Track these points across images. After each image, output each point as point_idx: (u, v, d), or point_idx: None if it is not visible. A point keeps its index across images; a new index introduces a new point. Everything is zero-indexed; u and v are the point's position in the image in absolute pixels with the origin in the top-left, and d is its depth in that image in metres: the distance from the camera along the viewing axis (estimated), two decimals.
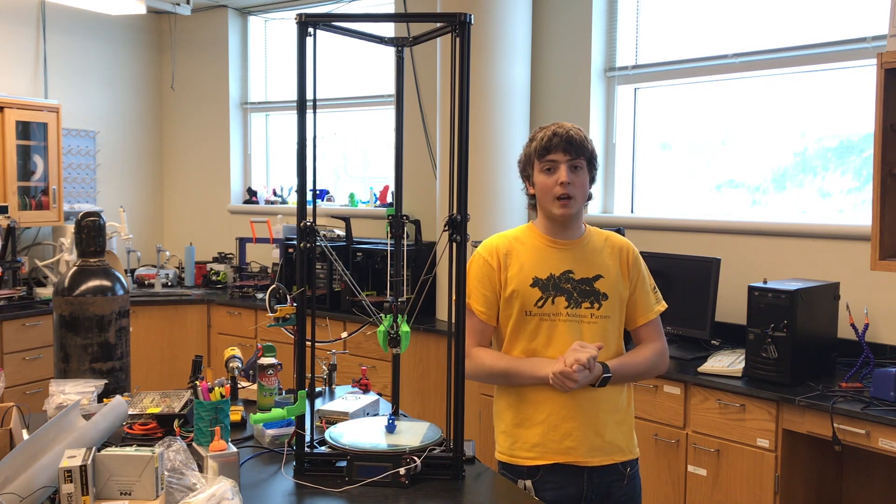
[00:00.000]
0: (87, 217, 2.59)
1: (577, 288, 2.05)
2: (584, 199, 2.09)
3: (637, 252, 2.16)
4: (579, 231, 2.12)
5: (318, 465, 1.95)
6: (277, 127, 5.95)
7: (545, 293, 2.06)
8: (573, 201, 2.04)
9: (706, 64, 3.81)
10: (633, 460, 2.13)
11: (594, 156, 2.08)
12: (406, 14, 3.11)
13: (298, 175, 1.91)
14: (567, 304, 2.05)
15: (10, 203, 4.68)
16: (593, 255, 2.09)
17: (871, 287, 3.22)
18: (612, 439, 2.07)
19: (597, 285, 2.06)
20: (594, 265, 2.08)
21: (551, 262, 2.07)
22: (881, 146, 2.59)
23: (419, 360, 4.11)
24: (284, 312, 1.98)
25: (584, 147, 2.04)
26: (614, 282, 2.08)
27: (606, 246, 2.12)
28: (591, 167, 2.08)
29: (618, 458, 2.08)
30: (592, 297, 2.05)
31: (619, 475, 2.09)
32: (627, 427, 2.12)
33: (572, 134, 2.02)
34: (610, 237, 2.15)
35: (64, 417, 1.77)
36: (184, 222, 6.10)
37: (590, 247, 2.10)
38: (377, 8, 5.14)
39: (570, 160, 2.02)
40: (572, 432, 2.03)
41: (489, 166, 4.01)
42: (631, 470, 2.12)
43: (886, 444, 2.59)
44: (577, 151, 2.02)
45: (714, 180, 3.93)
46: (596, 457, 2.05)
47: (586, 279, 2.06)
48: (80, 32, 5.50)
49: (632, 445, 2.13)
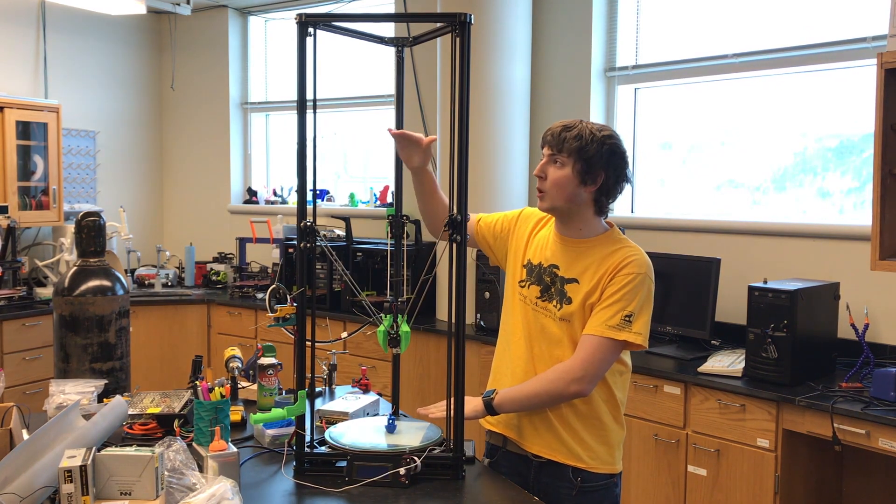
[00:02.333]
0: (87, 217, 2.59)
1: (555, 283, 2.04)
2: (562, 199, 1.97)
3: (635, 271, 1.93)
4: (582, 231, 2.03)
5: (318, 465, 1.95)
6: (277, 127, 5.95)
7: (528, 277, 2.09)
8: (546, 195, 1.99)
9: (706, 64, 3.81)
10: (588, 472, 2.00)
11: (588, 157, 1.93)
12: (406, 14, 3.11)
13: (298, 175, 1.91)
14: (539, 295, 2.05)
15: (10, 203, 4.68)
16: (582, 259, 2.01)
17: (871, 287, 3.22)
18: (565, 439, 2.00)
19: (567, 288, 2.01)
20: (576, 268, 2.01)
21: (547, 252, 2.07)
22: (881, 146, 2.58)
23: (419, 360, 4.11)
24: (284, 312, 1.98)
25: (567, 144, 1.93)
26: (587, 291, 1.97)
27: (607, 255, 1.98)
28: (586, 168, 1.94)
29: (562, 458, 2.00)
30: (559, 296, 2.02)
31: (568, 482, 2.01)
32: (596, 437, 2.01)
33: (559, 130, 1.96)
34: (621, 250, 1.98)
35: (64, 417, 1.77)
36: (184, 222, 6.10)
37: (587, 249, 2.02)
38: (377, 8, 5.14)
39: (550, 154, 1.97)
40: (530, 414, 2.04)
41: (489, 166, 4.01)
42: (584, 483, 2.00)
43: (886, 444, 2.59)
44: (557, 146, 1.95)
45: (714, 180, 3.93)
46: (535, 445, 2.03)
47: (563, 279, 2.03)
48: (80, 32, 5.50)
49: (592, 456, 2.01)
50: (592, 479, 2.01)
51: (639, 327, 1.93)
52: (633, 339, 1.91)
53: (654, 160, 4.14)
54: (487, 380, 2.22)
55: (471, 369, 3.52)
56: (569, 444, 2.01)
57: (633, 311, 1.92)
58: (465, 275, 1.98)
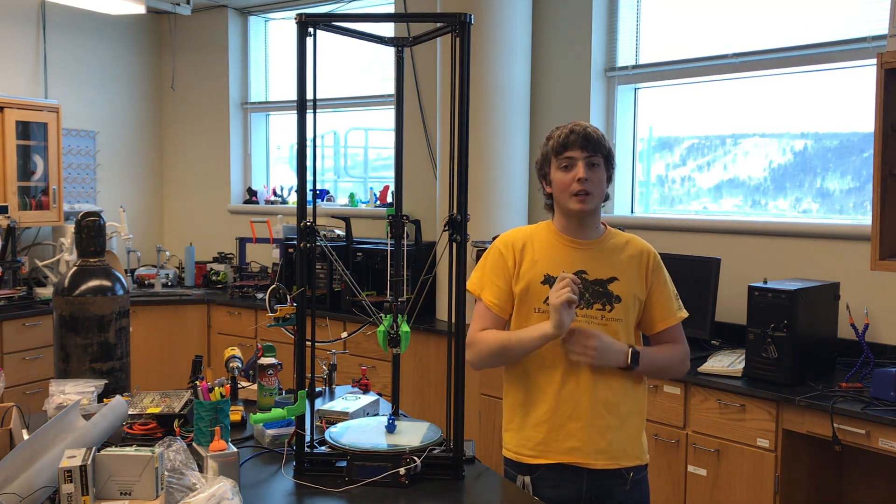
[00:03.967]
0: (87, 217, 2.59)
1: (589, 288, 2.02)
2: (602, 197, 2.05)
3: (659, 257, 2.11)
4: (597, 231, 2.08)
5: (318, 465, 1.95)
6: (277, 127, 5.95)
7: None
8: (590, 197, 2.00)
9: (706, 64, 3.80)
10: (639, 466, 2.08)
11: (611, 154, 2.05)
12: (406, 14, 3.12)
13: (298, 175, 1.92)
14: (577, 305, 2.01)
15: (10, 203, 4.68)
16: (610, 257, 2.05)
17: (871, 287, 3.22)
18: (617, 443, 2.03)
19: (611, 287, 2.02)
20: (610, 266, 2.04)
21: (565, 260, 2.04)
22: (881, 146, 2.58)
23: (419, 360, 4.11)
24: (284, 312, 1.99)
25: (602, 144, 2.01)
26: (630, 285, 2.04)
27: (627, 248, 2.08)
28: (609, 166, 2.05)
29: (623, 462, 2.04)
30: (605, 298, 2.02)
31: (622, 479, 2.05)
32: (635, 431, 2.07)
33: (590, 131, 2.01)
34: (632, 241, 2.11)
35: (64, 417, 1.77)
36: (184, 222, 6.10)
37: (607, 248, 2.07)
38: (377, 8, 5.14)
39: (587, 157, 1.99)
40: (576, 433, 2.01)
41: (489, 166, 4.01)
42: (636, 475, 2.07)
43: (886, 444, 2.59)
44: (594, 148, 1.99)
45: (714, 180, 3.94)
46: (599, 460, 2.02)
47: (600, 280, 2.03)
48: (80, 32, 5.50)
49: (640, 451, 2.08)
50: (640, 470, 2.09)
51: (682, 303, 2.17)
52: (685, 314, 2.15)
53: (654, 160, 4.14)
54: (487, 381, 2.22)
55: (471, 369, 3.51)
56: (622, 447, 2.04)
57: (675, 291, 2.15)
58: (465, 275, 1.99)
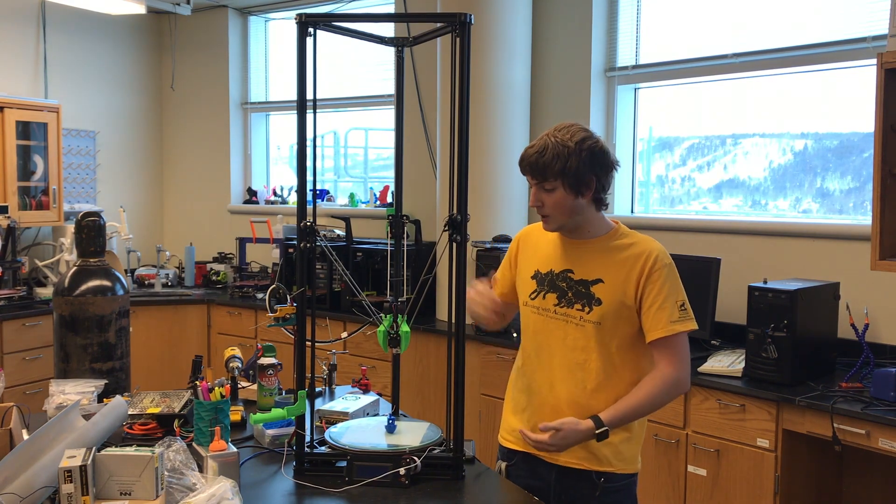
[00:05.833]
0: (87, 217, 2.59)
1: (572, 287, 2.01)
2: (566, 216, 1.97)
3: (664, 263, 1.97)
4: (595, 231, 2.03)
5: (318, 465, 1.95)
6: (278, 127, 5.95)
7: (539, 287, 2.05)
8: (549, 219, 2.00)
9: (706, 64, 3.80)
10: (611, 473, 2.00)
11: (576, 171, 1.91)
12: (406, 14, 3.12)
13: (298, 175, 1.92)
14: (557, 302, 2.01)
15: (10, 203, 4.68)
16: (602, 257, 2.01)
17: (871, 287, 3.22)
18: (594, 448, 1.97)
19: (594, 289, 1.99)
20: (599, 268, 2.00)
21: (557, 258, 2.05)
22: (881, 146, 2.58)
23: (419, 360, 4.11)
24: (284, 312, 1.99)
25: (550, 170, 1.91)
26: (615, 288, 1.97)
27: (628, 250, 2.00)
28: (578, 183, 1.93)
29: (589, 465, 1.99)
30: (585, 299, 1.99)
31: (591, 484, 1.99)
32: (616, 439, 1.99)
33: (534, 159, 1.93)
34: (638, 243, 2.01)
35: (64, 417, 1.77)
36: (184, 222, 6.10)
37: (604, 248, 2.02)
38: (377, 8, 5.14)
39: (537, 183, 1.97)
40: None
41: (489, 166, 4.01)
42: (607, 483, 1.99)
43: (886, 444, 2.59)
44: (541, 175, 1.94)
45: (714, 180, 3.94)
46: (562, 455, 1.99)
47: (584, 281, 2.00)
48: (80, 32, 5.50)
49: (616, 458, 2.00)
50: (615, 479, 2.01)
51: (690, 313, 1.99)
52: (692, 325, 1.98)
53: (654, 160, 4.14)
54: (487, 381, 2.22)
55: (471, 369, 3.52)
56: (597, 451, 1.99)
57: (682, 300, 1.98)
58: (465, 275, 1.99)
